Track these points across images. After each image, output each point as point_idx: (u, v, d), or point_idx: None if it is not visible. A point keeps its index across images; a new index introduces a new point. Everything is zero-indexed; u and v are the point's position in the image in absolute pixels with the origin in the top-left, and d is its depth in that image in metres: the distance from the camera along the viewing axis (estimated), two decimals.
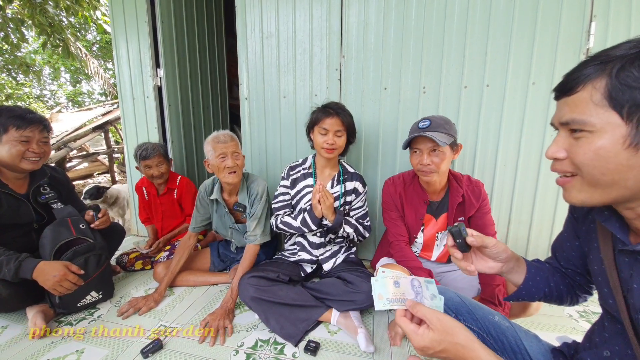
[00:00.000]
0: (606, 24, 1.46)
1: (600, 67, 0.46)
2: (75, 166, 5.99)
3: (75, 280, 1.25)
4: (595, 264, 0.62)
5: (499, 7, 1.53)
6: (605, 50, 0.46)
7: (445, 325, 0.57)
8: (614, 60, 0.44)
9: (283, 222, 1.49)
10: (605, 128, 0.46)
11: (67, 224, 1.39)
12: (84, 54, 6.43)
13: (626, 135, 0.44)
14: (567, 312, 1.44)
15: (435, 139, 1.12)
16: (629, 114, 0.44)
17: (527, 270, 0.74)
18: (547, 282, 0.74)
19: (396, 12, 1.65)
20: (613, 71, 0.44)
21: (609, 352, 0.60)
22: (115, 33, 2.23)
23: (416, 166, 1.24)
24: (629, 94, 0.43)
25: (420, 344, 0.58)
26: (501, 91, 1.58)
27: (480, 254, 0.73)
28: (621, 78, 0.44)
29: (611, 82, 0.45)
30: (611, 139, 0.45)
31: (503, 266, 0.73)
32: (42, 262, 1.22)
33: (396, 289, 0.65)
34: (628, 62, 0.43)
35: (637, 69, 0.42)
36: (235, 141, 1.48)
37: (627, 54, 0.44)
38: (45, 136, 1.36)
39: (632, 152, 0.44)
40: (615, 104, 0.45)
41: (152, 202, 2.04)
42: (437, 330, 0.57)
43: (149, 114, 2.26)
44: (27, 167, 1.31)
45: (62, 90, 11.94)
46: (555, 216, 1.64)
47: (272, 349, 1.20)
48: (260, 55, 1.90)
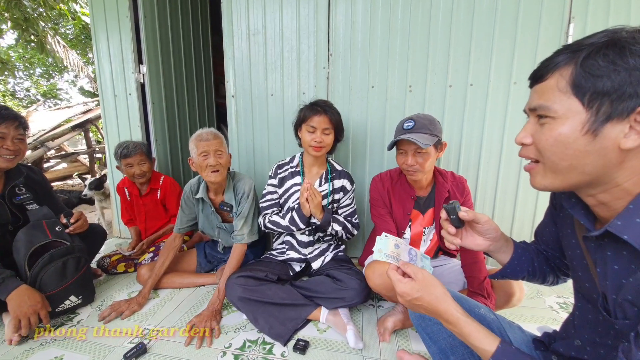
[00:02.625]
0: (584, 25, 1.52)
1: (570, 55, 0.47)
2: (53, 167, 5.74)
3: (43, 318, 1.21)
4: (569, 249, 0.65)
5: (482, 9, 1.57)
6: (579, 40, 0.48)
7: (427, 279, 0.66)
8: (584, 48, 0.46)
9: (271, 221, 1.48)
10: (567, 114, 0.47)
11: (42, 227, 1.33)
12: (62, 46, 6.16)
13: (585, 121, 0.46)
14: (548, 303, 1.49)
15: (418, 142, 1.13)
16: (590, 101, 0.45)
17: (514, 250, 0.77)
18: (531, 262, 0.77)
19: (382, 11, 1.66)
20: (579, 59, 0.46)
21: (579, 341, 0.62)
22: (95, 27, 2.15)
23: (401, 166, 1.26)
24: (591, 82, 0.45)
25: (401, 289, 0.66)
26: (484, 90, 1.62)
27: (471, 230, 0.75)
28: (586, 66, 0.45)
29: (576, 70, 0.46)
30: (571, 125, 0.47)
31: (491, 245, 0.75)
32: (24, 286, 1.19)
33: (395, 249, 0.74)
34: (594, 51, 0.44)
35: (602, 57, 0.44)
36: (218, 139, 1.45)
37: (596, 42, 0.45)
38: (21, 133, 1.30)
39: (589, 139, 0.46)
40: (577, 91, 0.46)
41: (135, 203, 1.98)
42: (419, 281, 0.66)
43: (132, 112, 2.19)
44: (2, 165, 1.26)
45: (37, 87, 11.42)
46: (536, 211, 1.70)
47: (261, 349, 1.18)
48: (247, 52, 1.87)
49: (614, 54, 0.43)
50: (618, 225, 0.47)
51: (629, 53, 0.42)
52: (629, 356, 0.45)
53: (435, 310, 0.64)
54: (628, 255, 0.49)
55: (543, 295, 1.56)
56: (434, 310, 0.64)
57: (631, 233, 0.46)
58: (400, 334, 1.27)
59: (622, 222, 0.47)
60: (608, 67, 0.43)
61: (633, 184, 0.47)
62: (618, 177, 0.47)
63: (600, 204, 0.52)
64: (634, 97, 0.42)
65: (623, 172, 0.47)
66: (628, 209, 0.47)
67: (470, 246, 0.76)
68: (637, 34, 0.42)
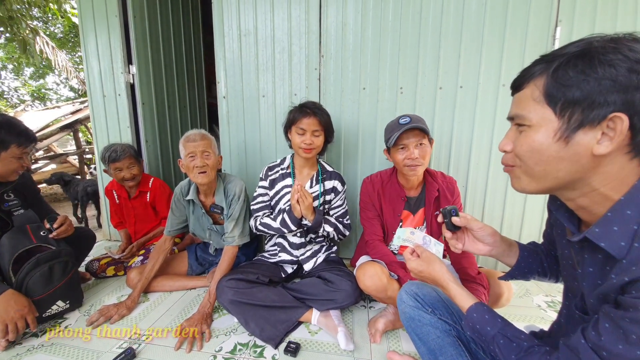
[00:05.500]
0: (570, 29, 1.55)
1: (544, 66, 0.49)
2: (41, 168, 5.63)
3: (31, 323, 1.19)
4: (561, 249, 0.68)
5: (471, 12, 1.59)
6: (556, 50, 0.49)
7: (429, 257, 0.82)
8: (557, 58, 0.47)
9: (262, 223, 1.47)
10: (541, 123, 0.49)
11: (26, 231, 1.31)
12: (50, 47, 6.04)
13: (557, 129, 0.48)
14: (536, 302, 1.51)
15: (424, 128, 1.19)
16: (562, 109, 0.47)
17: (520, 253, 0.80)
18: (540, 263, 0.80)
19: (373, 13, 1.67)
20: (551, 70, 0.47)
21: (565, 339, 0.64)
22: (83, 27, 2.11)
23: (403, 162, 1.24)
24: (562, 92, 0.46)
25: (410, 265, 0.84)
26: (474, 92, 1.64)
27: (471, 235, 0.81)
28: (557, 76, 0.47)
29: (548, 80, 0.48)
30: (545, 132, 0.49)
31: (492, 249, 0.79)
32: (10, 291, 1.17)
33: (410, 235, 0.94)
34: (565, 62, 0.46)
35: (572, 68, 0.45)
36: (206, 140, 1.43)
37: (568, 53, 0.46)
38: (31, 149, 1.33)
39: (562, 145, 0.48)
40: (550, 101, 0.48)
41: (124, 206, 1.95)
42: (423, 259, 0.83)
43: (121, 112, 2.15)
44: (13, 178, 1.31)
45: (25, 87, 11.17)
46: (524, 211, 1.73)
47: (252, 352, 1.18)
48: (239, 53, 1.86)
49: (583, 64, 0.44)
50: (596, 232, 0.49)
51: (598, 63, 0.43)
52: (584, 333, 0.50)
53: (434, 279, 0.79)
54: (602, 259, 0.50)
55: (531, 294, 1.58)
56: (433, 279, 0.79)
57: (608, 240, 0.47)
58: (391, 335, 1.28)
59: (600, 230, 0.48)
60: (578, 77, 0.44)
61: (611, 188, 0.48)
62: (594, 182, 0.49)
63: (580, 208, 0.54)
64: (604, 105, 0.44)
65: (598, 176, 0.48)
66: (606, 217, 0.48)
67: (472, 250, 0.81)
68: (609, 44, 0.44)
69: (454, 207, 0.79)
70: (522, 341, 0.60)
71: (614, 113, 0.43)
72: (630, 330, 0.43)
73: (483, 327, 0.66)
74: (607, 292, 0.47)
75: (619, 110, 0.43)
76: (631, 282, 0.44)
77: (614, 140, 0.44)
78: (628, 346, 0.43)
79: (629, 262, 0.45)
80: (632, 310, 0.43)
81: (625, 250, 0.46)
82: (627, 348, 0.43)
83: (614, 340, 0.45)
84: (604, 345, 0.46)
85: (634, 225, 0.45)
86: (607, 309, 0.47)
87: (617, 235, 0.46)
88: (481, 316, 0.67)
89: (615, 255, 0.47)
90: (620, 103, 0.43)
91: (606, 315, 0.47)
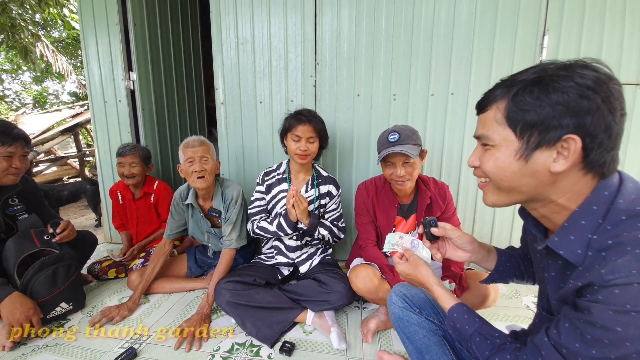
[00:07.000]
0: (558, 38, 1.60)
1: (506, 90, 0.54)
2: (42, 170, 5.68)
3: (35, 325, 1.24)
4: (532, 253, 0.73)
5: (461, 21, 1.64)
6: (514, 75, 0.54)
7: (416, 261, 0.87)
8: (516, 84, 0.52)
9: (259, 227, 1.52)
10: (502, 143, 0.55)
11: (30, 236, 1.36)
12: (51, 50, 6.09)
13: (517, 149, 0.53)
14: (525, 303, 1.56)
15: (408, 154, 1.19)
16: (521, 131, 0.52)
17: (498, 258, 0.85)
18: (517, 267, 0.85)
19: (367, 22, 1.72)
20: (510, 95, 0.52)
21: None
22: (84, 35, 2.16)
23: (390, 177, 1.31)
24: (521, 115, 0.51)
25: (399, 268, 0.88)
26: (465, 99, 1.69)
27: (451, 244, 0.86)
28: (516, 101, 0.52)
29: (509, 105, 0.53)
30: (506, 152, 0.54)
31: (472, 256, 0.85)
32: (16, 293, 1.22)
33: (399, 240, 0.96)
34: (522, 88, 0.51)
35: (529, 94, 0.50)
36: (205, 146, 1.48)
37: (525, 79, 0.51)
38: (26, 151, 1.35)
39: (522, 163, 0.53)
40: (510, 123, 0.53)
41: (127, 207, 2.00)
42: (410, 262, 0.87)
43: (122, 118, 2.20)
44: (9, 182, 1.31)
45: (27, 91, 11.22)
46: (514, 216, 1.78)
47: (248, 351, 1.22)
48: (236, 60, 1.91)
49: (539, 91, 0.49)
50: (555, 241, 0.54)
51: (551, 90, 0.48)
52: (547, 331, 0.54)
53: (420, 281, 0.84)
54: (563, 265, 0.55)
55: (521, 295, 1.63)
56: (419, 282, 0.84)
57: (566, 249, 0.52)
58: (383, 334, 1.32)
59: (559, 239, 0.53)
60: (534, 103, 0.49)
61: (567, 199, 0.53)
62: (552, 195, 0.54)
63: (543, 217, 0.59)
64: (558, 128, 0.48)
65: (556, 190, 0.53)
66: (564, 227, 0.53)
67: (453, 257, 0.86)
68: (561, 71, 0.48)
69: (434, 218, 0.85)
70: (495, 339, 0.65)
71: (567, 135, 0.48)
72: (585, 331, 0.47)
73: (462, 326, 0.71)
74: (566, 295, 0.52)
75: (572, 132, 0.48)
76: (585, 286, 0.48)
77: (569, 159, 0.49)
78: (584, 345, 0.48)
79: (584, 268, 0.50)
80: (586, 312, 0.47)
81: (581, 258, 0.51)
82: (583, 347, 0.48)
83: (572, 339, 0.49)
84: (563, 343, 0.50)
85: (588, 234, 0.50)
86: (566, 310, 0.52)
87: (573, 243, 0.51)
88: (461, 316, 0.72)
89: (573, 262, 0.51)
90: (572, 126, 0.48)
91: (565, 316, 0.52)
